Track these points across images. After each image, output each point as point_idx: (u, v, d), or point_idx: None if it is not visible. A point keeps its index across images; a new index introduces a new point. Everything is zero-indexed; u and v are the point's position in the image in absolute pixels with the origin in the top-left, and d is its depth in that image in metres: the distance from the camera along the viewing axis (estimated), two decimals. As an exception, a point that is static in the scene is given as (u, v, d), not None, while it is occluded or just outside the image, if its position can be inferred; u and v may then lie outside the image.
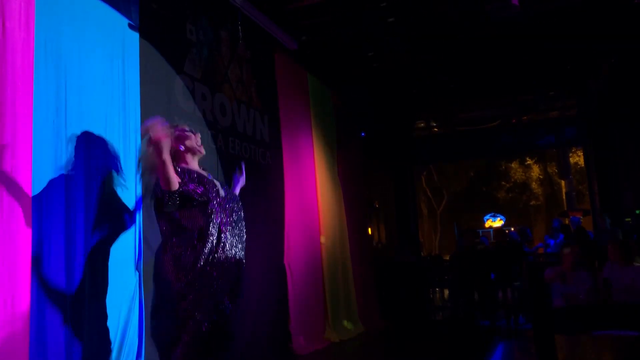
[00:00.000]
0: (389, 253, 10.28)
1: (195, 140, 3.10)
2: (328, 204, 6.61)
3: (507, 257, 8.13)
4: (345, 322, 6.40)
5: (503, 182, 25.91)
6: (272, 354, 4.96)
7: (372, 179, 9.59)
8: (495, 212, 24.15)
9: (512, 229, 13.14)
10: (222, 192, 2.98)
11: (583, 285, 4.73)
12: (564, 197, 19.87)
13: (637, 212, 9.43)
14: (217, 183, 3.03)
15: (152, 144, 2.67)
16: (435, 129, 12.59)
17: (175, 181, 2.73)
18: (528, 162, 25.36)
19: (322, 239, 6.22)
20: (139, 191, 3.48)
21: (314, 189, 6.35)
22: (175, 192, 2.73)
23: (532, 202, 25.71)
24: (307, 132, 6.39)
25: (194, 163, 3.07)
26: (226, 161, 4.73)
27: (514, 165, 25.52)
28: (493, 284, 8.62)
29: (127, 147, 3.50)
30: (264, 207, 5.22)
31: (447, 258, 11.97)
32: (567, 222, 11.97)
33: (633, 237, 8.19)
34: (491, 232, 19.13)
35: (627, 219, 9.45)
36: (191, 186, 2.82)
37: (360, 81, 8.01)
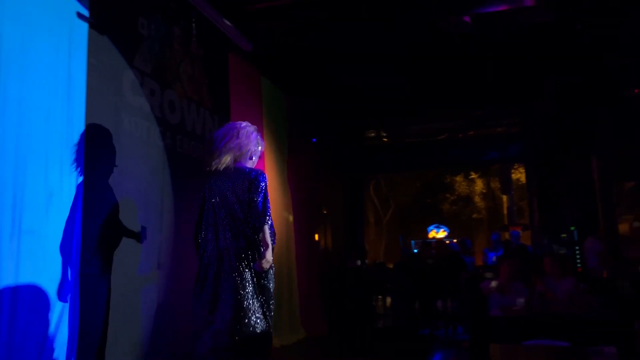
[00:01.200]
0: (335, 259, 10.33)
1: None
2: (276, 208, 6.57)
3: (448, 267, 8.32)
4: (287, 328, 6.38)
5: (448, 195, 26.55)
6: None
7: (321, 186, 9.62)
8: (439, 223, 24.68)
9: (455, 240, 13.43)
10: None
11: (519, 296, 4.90)
12: (505, 211, 20.51)
13: (572, 228, 9.83)
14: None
15: None
16: (385, 139, 12.78)
17: None
18: (472, 176, 26.08)
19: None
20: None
21: (262, 193, 6.30)
22: None
23: (475, 215, 26.44)
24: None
25: None
26: (174, 159, 4.64)
27: (458, 178, 26.19)
28: (434, 293, 8.80)
29: (70, 139, 3.38)
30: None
31: (392, 266, 12.15)
32: (507, 236, 12.33)
33: (567, 252, 8.53)
34: (433, 242, 19.52)
35: (562, 235, 9.84)
36: None
37: (314, 87, 8.04)
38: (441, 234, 22.37)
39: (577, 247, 9.42)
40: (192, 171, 4.87)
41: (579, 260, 9.08)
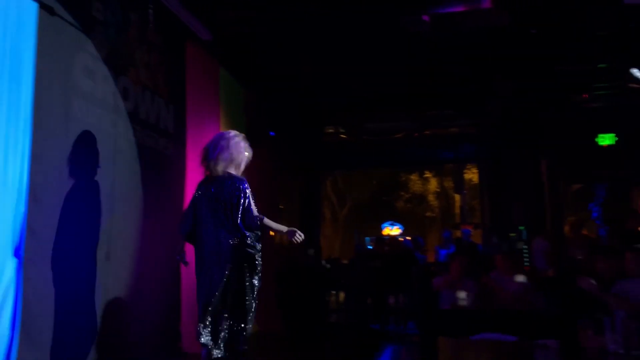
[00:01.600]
0: (290, 255, 10.30)
1: None
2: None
3: (400, 264, 8.43)
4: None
5: (403, 193, 26.94)
6: (161, 353, 4.78)
7: (278, 181, 9.57)
8: (394, 220, 24.99)
9: (409, 237, 13.61)
10: None
11: (469, 293, 5.00)
12: (457, 210, 20.93)
13: (521, 228, 10.11)
14: None
15: None
16: (343, 136, 12.83)
17: None
18: (427, 175, 26.54)
19: None
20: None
21: (217, 185, 6.22)
22: None
23: (428, 214, 26.93)
24: (215, 126, 6.26)
25: None
26: (127, 148, 4.53)
27: (413, 177, 26.61)
28: (386, 289, 8.90)
29: (16, 123, 3.25)
30: (163, 200, 5.05)
31: (346, 262, 12.22)
32: (458, 234, 12.58)
33: (515, 251, 8.77)
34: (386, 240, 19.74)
35: (511, 234, 10.11)
36: None
37: (273, 81, 7.99)
38: (395, 231, 22.65)
39: (525, 246, 9.70)
40: (145, 160, 4.77)
41: (526, 259, 9.35)
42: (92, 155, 4.08)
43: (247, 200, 3.77)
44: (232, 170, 3.87)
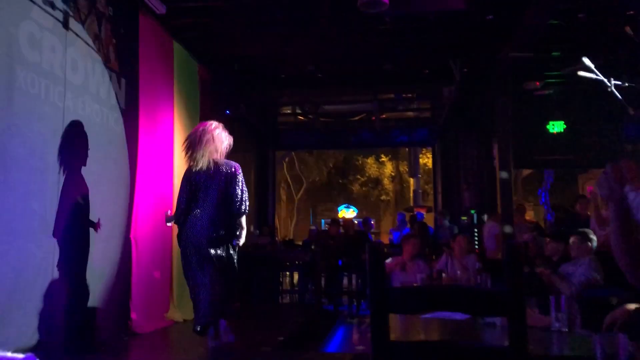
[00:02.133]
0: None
1: None
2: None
3: (354, 245, 8.51)
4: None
5: (358, 176, 27.16)
6: (108, 331, 4.68)
7: (233, 160, 9.45)
8: (349, 203, 25.22)
9: (360, 220, 13.77)
10: None
11: (420, 273, 5.10)
12: (411, 194, 21.25)
13: (472, 212, 10.36)
14: None
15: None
16: (301, 117, 12.78)
17: None
18: (383, 159, 26.81)
19: None
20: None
21: (170, 164, 6.10)
22: None
23: (383, 197, 27.26)
24: (168, 103, 6.11)
25: None
26: (74, 122, 4.36)
27: (369, 161, 26.84)
28: (339, 270, 8.98)
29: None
30: (113, 176, 4.91)
31: (301, 243, 12.25)
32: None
33: (466, 234, 8.98)
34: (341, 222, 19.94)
35: (463, 218, 10.35)
36: None
37: (229, 58, 7.84)
38: (350, 213, 22.87)
39: (475, 230, 9.96)
40: (95, 136, 4.61)
41: (477, 242, 9.60)
42: (38, 129, 3.91)
43: (243, 189, 4.20)
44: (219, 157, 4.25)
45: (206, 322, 4.05)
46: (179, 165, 6.30)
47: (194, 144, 4.22)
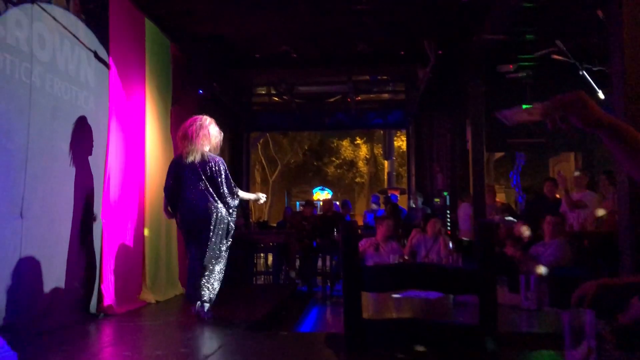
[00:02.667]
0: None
1: None
2: (157, 162, 6.30)
3: (330, 226, 8.53)
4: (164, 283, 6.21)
5: (333, 159, 27.21)
6: (78, 313, 4.63)
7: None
8: (324, 185, 25.28)
9: (338, 202, 13.81)
10: None
11: (393, 254, 5.15)
12: (385, 176, 21.35)
13: (445, 194, 10.47)
14: None
15: None
16: (276, 98, 12.69)
17: None
18: (358, 142, 26.87)
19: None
20: None
21: (142, 144, 6.00)
22: None
23: (358, 179, 27.38)
24: (140, 81, 5.99)
25: None
26: (43, 100, 4.24)
27: (344, 143, 26.88)
28: (315, 252, 9.01)
29: None
30: (83, 155, 4.81)
31: (275, 225, 12.24)
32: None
33: (439, 215, 9.08)
34: (318, 204, 20.03)
35: (436, 200, 10.45)
36: None
37: (202, 37, 7.71)
38: (325, 195, 22.93)
39: (448, 211, 10.07)
40: (63, 114, 4.50)
41: (449, 223, 9.72)
42: (3, 107, 3.79)
43: (227, 175, 4.73)
44: (212, 152, 4.74)
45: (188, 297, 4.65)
46: (152, 145, 6.21)
47: (190, 137, 4.64)
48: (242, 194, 4.89)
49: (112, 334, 4.38)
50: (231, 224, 4.75)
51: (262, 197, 5.13)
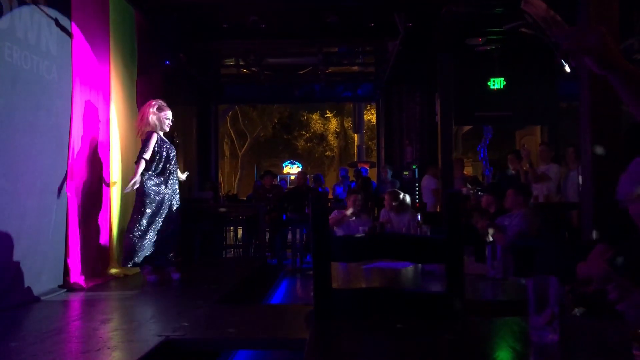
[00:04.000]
0: (186, 191, 10.09)
1: None
2: (123, 134, 6.18)
3: (300, 200, 8.53)
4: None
5: (303, 132, 27.10)
6: (45, 288, 4.55)
7: (174, 112, 9.20)
8: (293, 159, 25.23)
9: (308, 176, 13.83)
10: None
11: (363, 226, 5.19)
12: (355, 150, 21.43)
13: (414, 167, 10.56)
14: None
15: None
16: (244, 70, 12.49)
17: None
18: (328, 115, 26.79)
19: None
20: None
21: (106, 115, 5.86)
22: None
23: (328, 153, 27.39)
24: (104, 50, 5.82)
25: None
26: (1, 69, 4.08)
27: (314, 116, 26.77)
28: (285, 225, 9.02)
29: None
30: (46, 127, 4.67)
31: (245, 199, 12.20)
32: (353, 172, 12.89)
33: (408, 188, 9.16)
34: (288, 178, 20.03)
35: (405, 173, 10.54)
36: None
37: (168, 6, 7.51)
38: (295, 169, 22.91)
39: (416, 184, 10.18)
40: (24, 84, 4.35)
41: (417, 196, 9.83)
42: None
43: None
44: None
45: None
46: (118, 116, 6.07)
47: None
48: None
49: (79, 308, 4.34)
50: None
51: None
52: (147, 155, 5.08)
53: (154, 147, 5.15)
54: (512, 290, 2.69)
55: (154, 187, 5.15)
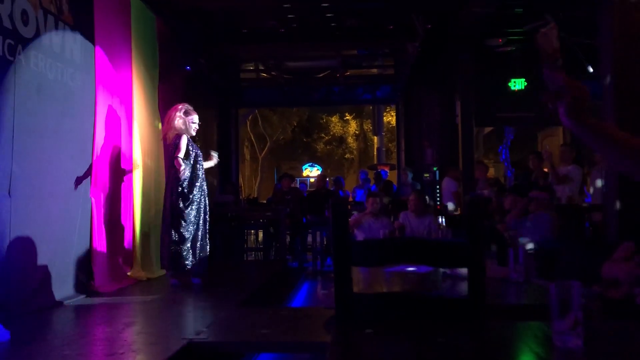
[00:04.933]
0: (208, 194, 10.15)
1: None
2: (145, 140, 6.25)
3: (321, 202, 8.54)
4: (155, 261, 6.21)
5: (323, 135, 27.10)
6: (70, 292, 4.63)
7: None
8: (313, 162, 25.25)
9: (328, 179, 13.84)
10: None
11: (383, 229, 5.18)
12: (375, 152, 21.37)
13: (435, 169, 10.50)
14: None
15: None
16: (264, 74, 12.57)
17: None
18: (347, 118, 26.76)
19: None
20: None
21: (129, 121, 5.94)
22: None
23: (347, 155, 27.35)
24: (126, 57, 5.91)
25: None
26: (27, 77, 4.17)
27: (334, 119, 26.76)
28: (305, 227, 9.04)
29: None
30: (70, 134, 4.76)
31: (265, 202, 12.24)
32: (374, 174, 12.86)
33: (429, 191, 9.12)
34: (308, 180, 20.06)
35: (425, 175, 10.48)
36: None
37: (188, 12, 7.59)
38: (315, 172, 22.93)
39: (437, 186, 10.12)
40: (50, 91, 4.44)
41: (439, 199, 9.77)
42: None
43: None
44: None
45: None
46: (140, 122, 6.15)
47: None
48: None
49: (103, 312, 4.40)
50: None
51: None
52: (182, 154, 5.07)
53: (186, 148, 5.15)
54: (535, 293, 2.67)
55: (187, 190, 5.17)
